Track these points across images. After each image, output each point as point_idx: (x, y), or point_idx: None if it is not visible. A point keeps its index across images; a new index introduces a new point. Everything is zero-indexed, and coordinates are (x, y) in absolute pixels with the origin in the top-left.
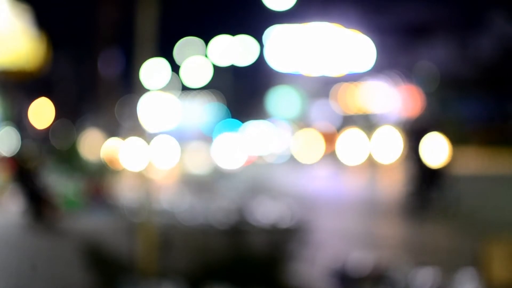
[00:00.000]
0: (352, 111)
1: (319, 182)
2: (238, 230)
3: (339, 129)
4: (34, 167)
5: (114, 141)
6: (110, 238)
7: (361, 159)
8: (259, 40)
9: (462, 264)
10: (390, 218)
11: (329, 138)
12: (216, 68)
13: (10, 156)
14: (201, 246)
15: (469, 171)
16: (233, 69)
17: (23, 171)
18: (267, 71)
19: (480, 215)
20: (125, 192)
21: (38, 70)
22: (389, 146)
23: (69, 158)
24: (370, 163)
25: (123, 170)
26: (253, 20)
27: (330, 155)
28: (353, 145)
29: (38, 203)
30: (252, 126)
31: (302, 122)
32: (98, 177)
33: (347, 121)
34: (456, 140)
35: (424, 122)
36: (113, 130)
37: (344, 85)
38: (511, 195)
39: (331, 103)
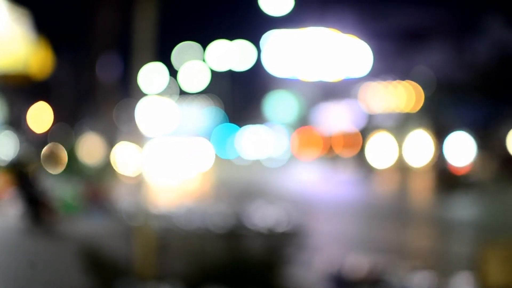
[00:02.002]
0: (378, 110)
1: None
2: (235, 234)
3: (365, 130)
4: (32, 171)
5: (123, 146)
6: (108, 241)
7: (390, 161)
8: (257, 45)
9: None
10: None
11: (351, 141)
12: (214, 73)
13: (9, 160)
14: (198, 249)
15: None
16: (230, 73)
17: (22, 174)
18: (265, 75)
19: None
20: (123, 196)
21: (39, 74)
22: (419, 148)
23: (68, 162)
24: (400, 166)
25: (122, 174)
26: (250, 25)
27: (354, 158)
28: (380, 147)
29: (37, 206)
30: (250, 130)
31: (306, 125)
32: (96, 181)
33: (374, 121)
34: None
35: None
36: (111, 134)
37: (370, 84)
38: None
39: (355, 103)
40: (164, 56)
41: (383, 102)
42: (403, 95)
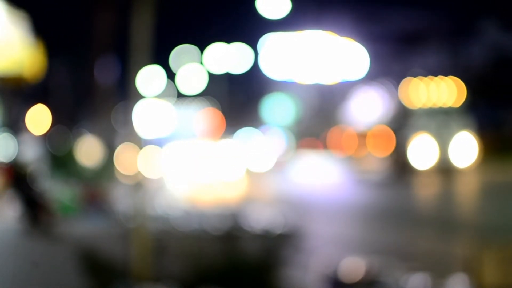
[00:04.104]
0: (417, 106)
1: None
2: (232, 236)
3: (402, 128)
4: (30, 172)
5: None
6: (105, 243)
7: (431, 162)
8: (254, 48)
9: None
10: None
11: (385, 139)
12: (211, 76)
13: (7, 162)
14: (195, 251)
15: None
16: (228, 76)
17: (19, 176)
18: (262, 78)
19: None
20: (121, 198)
21: (35, 77)
22: (463, 147)
23: (66, 164)
24: (443, 167)
25: (121, 175)
26: (248, 28)
27: (388, 157)
28: (420, 146)
29: (35, 208)
30: (247, 133)
31: (335, 123)
32: (94, 183)
33: (412, 118)
34: None
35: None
36: (109, 136)
37: (409, 80)
38: None
39: (391, 99)
40: (162, 59)
41: (423, 97)
42: (444, 91)
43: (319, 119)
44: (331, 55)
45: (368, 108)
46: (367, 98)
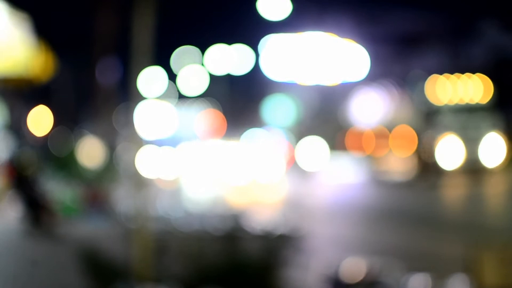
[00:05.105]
0: (444, 104)
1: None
2: (233, 236)
3: (428, 126)
4: (32, 174)
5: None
6: (106, 244)
7: (458, 162)
8: (255, 49)
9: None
10: None
11: (406, 138)
12: (212, 77)
13: (9, 163)
14: (196, 252)
15: None
16: (229, 77)
17: (21, 177)
18: (263, 79)
19: None
20: (122, 198)
21: (41, 78)
22: (491, 146)
23: (67, 165)
24: (470, 167)
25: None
26: (248, 30)
27: (412, 157)
28: (446, 145)
29: (36, 209)
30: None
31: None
32: (95, 184)
33: (438, 116)
34: None
35: None
36: (110, 137)
37: (437, 77)
38: None
39: (414, 96)
40: (163, 60)
41: (449, 95)
42: (471, 88)
43: (320, 120)
44: (332, 56)
45: (373, 108)
46: (373, 98)
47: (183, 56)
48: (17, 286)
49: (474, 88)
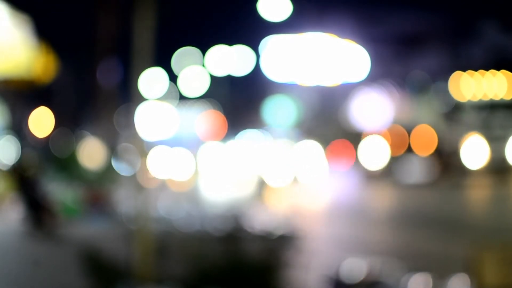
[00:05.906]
0: (468, 101)
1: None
2: (234, 237)
3: (450, 124)
4: (34, 175)
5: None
6: (108, 244)
7: (483, 160)
8: (256, 50)
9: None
10: None
11: (425, 138)
12: (213, 78)
13: (11, 164)
14: (197, 252)
15: None
16: (230, 78)
17: (23, 179)
18: (263, 80)
19: None
20: (123, 199)
21: (42, 79)
22: None
23: (69, 166)
24: (497, 166)
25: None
26: (249, 31)
27: (432, 156)
28: (470, 144)
29: (38, 210)
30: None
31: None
32: (96, 185)
33: (461, 114)
34: None
35: None
36: (111, 138)
37: (461, 74)
38: None
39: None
40: (164, 62)
41: (473, 93)
42: (495, 85)
43: (321, 120)
44: (333, 57)
45: (379, 108)
46: (374, 99)
47: (184, 57)
48: (19, 287)
49: (498, 85)
